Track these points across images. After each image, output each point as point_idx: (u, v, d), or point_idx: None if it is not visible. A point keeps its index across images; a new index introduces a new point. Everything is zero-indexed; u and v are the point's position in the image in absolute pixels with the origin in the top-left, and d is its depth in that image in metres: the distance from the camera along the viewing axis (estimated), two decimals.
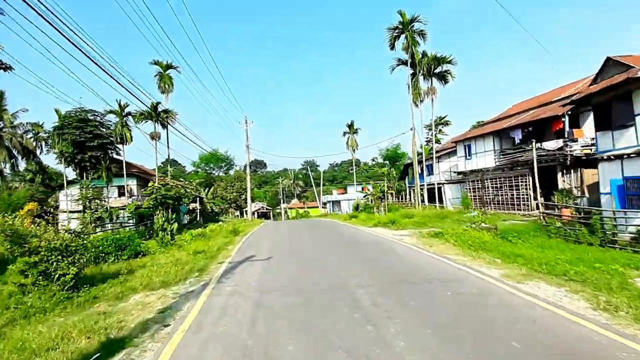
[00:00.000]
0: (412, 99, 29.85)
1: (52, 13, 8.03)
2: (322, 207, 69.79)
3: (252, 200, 71.83)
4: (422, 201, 31.44)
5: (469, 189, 26.56)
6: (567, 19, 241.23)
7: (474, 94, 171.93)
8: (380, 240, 14.51)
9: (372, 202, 39.93)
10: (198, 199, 45.43)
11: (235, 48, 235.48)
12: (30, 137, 43.17)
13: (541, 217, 14.86)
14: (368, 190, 48.30)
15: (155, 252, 13.12)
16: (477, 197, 25.45)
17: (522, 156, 21.00)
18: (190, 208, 46.35)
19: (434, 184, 31.33)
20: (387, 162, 50.99)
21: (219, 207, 59.32)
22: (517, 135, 21.60)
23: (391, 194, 40.57)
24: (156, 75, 34.38)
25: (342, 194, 70.70)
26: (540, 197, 14.73)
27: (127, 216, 30.47)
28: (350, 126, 55.60)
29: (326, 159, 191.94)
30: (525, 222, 16.97)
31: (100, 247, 11.89)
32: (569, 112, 18.17)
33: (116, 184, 34.08)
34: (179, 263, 11.04)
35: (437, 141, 43.52)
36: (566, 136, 18.26)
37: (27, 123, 43.13)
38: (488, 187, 24.19)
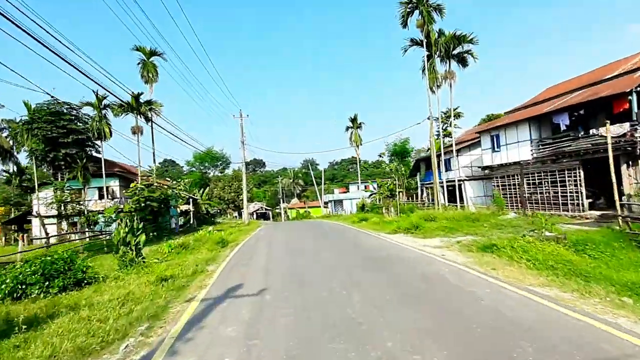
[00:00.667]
0: (428, 83, 26.23)
1: None
2: (324, 207, 66.33)
3: (251, 201, 68.31)
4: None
5: (498, 186, 22.96)
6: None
7: (474, 92, 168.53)
8: (414, 256, 10.78)
9: (379, 201, 36.31)
10: (191, 200, 42.10)
11: (236, 48, 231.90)
12: (7, 136, 39.63)
13: (620, 222, 11.34)
14: (374, 188, 44.62)
15: (105, 279, 9.54)
16: (510, 195, 21.85)
17: (569, 145, 17.40)
18: (184, 210, 42.96)
19: (453, 181, 27.73)
20: (394, 157, 47.06)
21: (215, 209, 55.97)
22: (564, 121, 17.94)
23: (401, 192, 36.94)
24: (139, 63, 30.77)
25: (345, 192, 67.16)
26: (619, 196, 11.15)
27: (104, 221, 26.88)
28: (354, 120, 52.16)
29: (326, 158, 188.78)
30: (587, 227, 13.47)
31: (21, 276, 8.33)
32: (638, 89, 14.59)
33: (95, 185, 30.47)
34: (129, 300, 7.49)
35: (450, 134, 39.94)
36: (635, 119, 14.66)
37: (2, 120, 39.79)
38: (523, 184, 20.62)
